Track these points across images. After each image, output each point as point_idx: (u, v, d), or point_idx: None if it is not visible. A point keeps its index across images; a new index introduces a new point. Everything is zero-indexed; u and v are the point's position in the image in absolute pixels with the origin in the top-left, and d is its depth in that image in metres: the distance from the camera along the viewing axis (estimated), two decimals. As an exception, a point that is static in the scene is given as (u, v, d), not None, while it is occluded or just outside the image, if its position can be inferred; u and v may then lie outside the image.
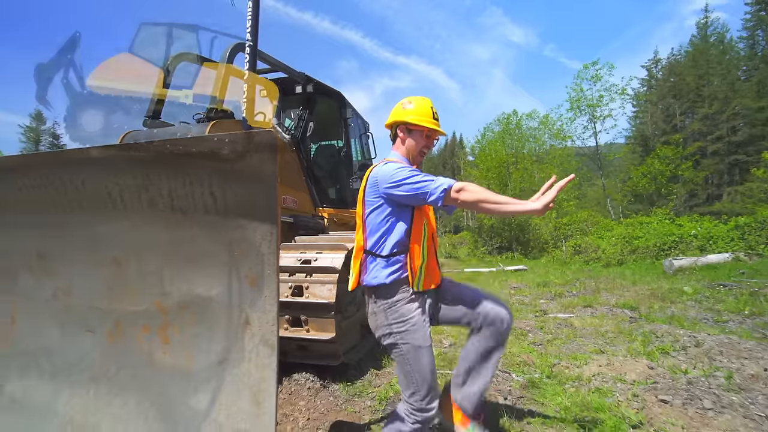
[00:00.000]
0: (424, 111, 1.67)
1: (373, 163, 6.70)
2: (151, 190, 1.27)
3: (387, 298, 1.54)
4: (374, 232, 1.57)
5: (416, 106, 1.68)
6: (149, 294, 1.38)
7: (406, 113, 1.67)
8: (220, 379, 1.27)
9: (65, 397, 1.45)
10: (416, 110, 1.67)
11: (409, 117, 1.66)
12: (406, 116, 1.67)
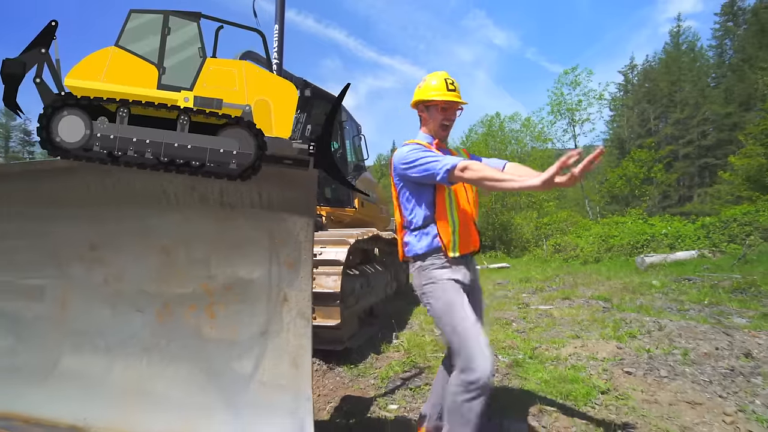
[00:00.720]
0: (437, 85, 1.70)
1: (365, 164, 6.91)
2: (203, 188, 1.51)
3: (421, 263, 1.66)
4: (404, 209, 1.71)
5: (428, 82, 1.72)
6: (196, 277, 1.61)
7: (420, 91, 1.73)
8: (263, 347, 1.51)
9: (120, 367, 1.66)
10: (428, 86, 1.71)
11: (422, 94, 1.72)
12: (420, 95, 1.73)
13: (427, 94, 1.71)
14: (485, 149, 20.62)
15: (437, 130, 1.73)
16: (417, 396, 2.40)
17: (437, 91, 1.69)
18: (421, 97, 1.73)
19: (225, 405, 1.49)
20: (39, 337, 1.81)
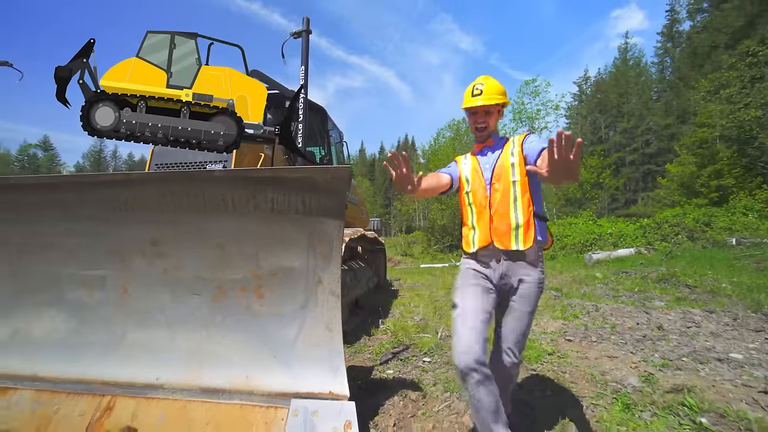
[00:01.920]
0: (465, 93, 1.85)
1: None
2: (257, 198, 1.98)
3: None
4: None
5: (464, 92, 1.87)
6: (246, 267, 2.07)
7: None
8: (303, 318, 2.01)
9: (182, 338, 2.09)
10: (463, 95, 1.86)
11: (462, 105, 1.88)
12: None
13: (462, 104, 1.87)
14: (453, 152, 21.63)
15: (474, 134, 1.90)
16: (407, 364, 2.96)
17: (464, 100, 1.85)
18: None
19: (276, 361, 1.98)
20: (104, 318, 2.19)
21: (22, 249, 2.28)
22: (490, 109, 1.81)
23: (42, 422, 1.89)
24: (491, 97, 1.77)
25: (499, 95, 1.81)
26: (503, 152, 1.81)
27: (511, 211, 1.71)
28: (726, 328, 3.71)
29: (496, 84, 1.83)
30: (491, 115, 1.83)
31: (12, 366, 2.16)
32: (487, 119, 1.83)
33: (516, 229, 1.69)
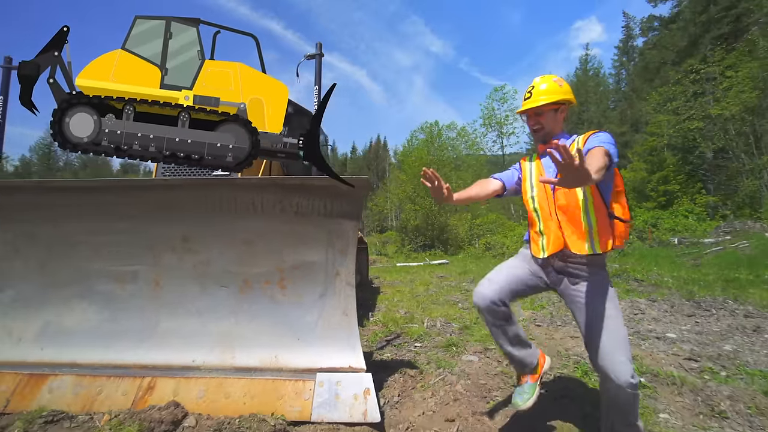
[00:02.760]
0: (523, 97, 1.87)
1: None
2: (283, 203, 2.28)
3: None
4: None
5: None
6: (271, 262, 2.37)
7: None
8: (322, 305, 2.34)
9: (213, 324, 2.35)
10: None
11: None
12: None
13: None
14: (426, 155, 22.32)
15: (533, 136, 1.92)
16: (401, 349, 3.35)
17: (521, 104, 1.88)
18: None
19: (300, 342, 2.29)
20: (137, 308, 2.41)
21: (51, 246, 2.46)
22: (540, 110, 1.77)
23: (87, 402, 2.11)
24: (539, 99, 1.76)
25: (550, 94, 1.76)
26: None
27: (582, 213, 1.65)
28: (665, 314, 4.37)
29: (549, 83, 1.79)
30: (543, 116, 1.78)
31: (47, 355, 2.34)
32: (540, 120, 1.79)
33: (589, 233, 1.63)
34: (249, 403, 2.06)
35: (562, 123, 1.83)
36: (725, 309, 4.33)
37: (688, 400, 2.19)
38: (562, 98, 1.77)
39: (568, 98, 1.79)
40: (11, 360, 2.32)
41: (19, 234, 2.46)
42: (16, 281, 2.48)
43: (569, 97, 1.79)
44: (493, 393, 2.36)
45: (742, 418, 1.98)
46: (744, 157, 17.37)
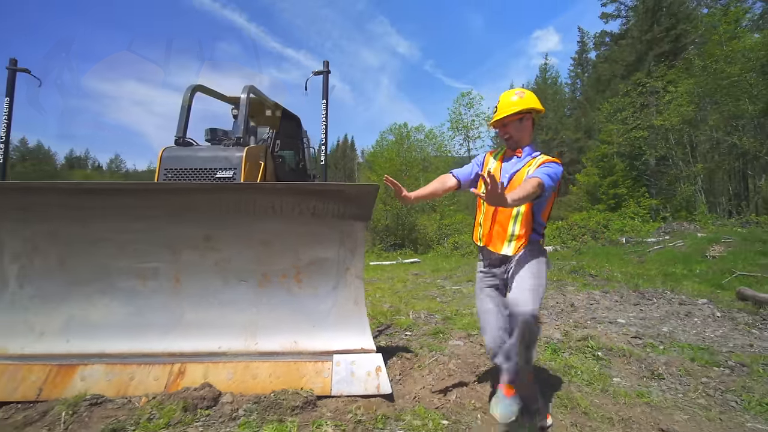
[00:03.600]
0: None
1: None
2: (301, 206, 2.56)
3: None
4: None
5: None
6: (288, 258, 2.64)
7: None
8: (335, 296, 2.64)
9: (235, 315, 2.59)
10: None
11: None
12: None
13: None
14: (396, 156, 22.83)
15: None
16: (393, 337, 3.71)
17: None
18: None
19: (316, 328, 2.59)
20: (160, 303, 2.60)
21: (72, 244, 2.59)
22: (504, 122, 1.97)
23: (120, 387, 2.30)
24: (501, 112, 1.95)
25: (509, 107, 1.94)
26: (524, 167, 1.93)
27: (510, 222, 1.90)
28: (615, 303, 5.04)
29: (508, 98, 1.97)
30: (508, 126, 1.97)
31: (74, 347, 2.49)
32: (507, 130, 1.98)
33: (510, 239, 1.90)
34: (275, 383, 2.34)
35: (529, 130, 2.01)
36: (664, 298, 5.07)
37: (635, 367, 2.72)
38: (523, 108, 1.93)
39: (530, 107, 1.95)
40: (37, 353, 2.44)
41: (38, 232, 2.57)
42: (36, 278, 2.59)
43: (531, 106, 1.96)
44: (480, 369, 2.77)
45: (675, 378, 2.52)
46: (682, 165, 19.32)
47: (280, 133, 5.74)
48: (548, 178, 1.76)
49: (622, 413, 2.05)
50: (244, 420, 1.95)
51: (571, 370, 2.62)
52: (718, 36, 17.19)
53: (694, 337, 3.55)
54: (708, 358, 2.79)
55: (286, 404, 2.06)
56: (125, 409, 2.10)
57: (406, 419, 2.02)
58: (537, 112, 2.02)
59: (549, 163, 1.87)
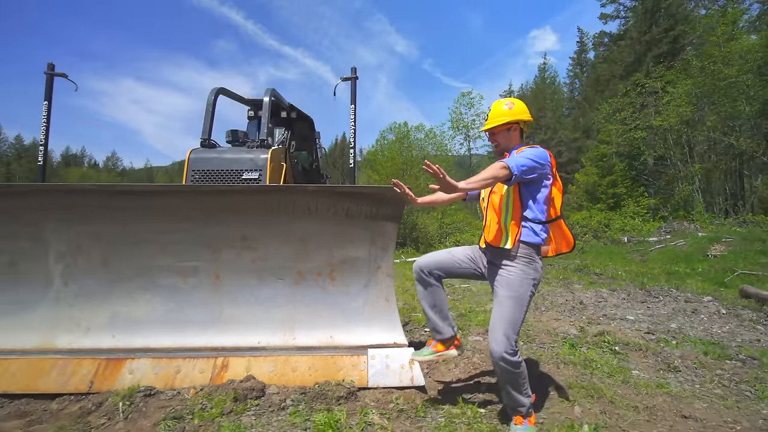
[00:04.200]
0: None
1: (324, 166, 8.03)
2: (336, 207, 2.68)
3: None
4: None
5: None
6: (322, 256, 2.76)
7: None
8: (367, 293, 2.76)
9: (273, 311, 2.70)
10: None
11: None
12: None
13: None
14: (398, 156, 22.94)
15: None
16: (413, 333, 3.83)
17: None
18: None
19: (351, 324, 2.71)
20: (200, 299, 2.72)
21: (114, 244, 2.69)
22: (492, 131, 2.08)
23: (167, 380, 2.41)
24: (490, 122, 2.06)
25: (498, 117, 2.04)
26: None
27: (502, 214, 1.97)
28: (623, 301, 5.20)
29: (499, 108, 2.06)
30: (497, 135, 2.08)
31: (120, 342, 2.60)
32: (496, 138, 2.09)
33: (505, 230, 1.94)
34: (314, 375, 2.46)
35: (517, 139, 2.08)
36: (670, 296, 5.23)
37: (651, 360, 2.87)
38: (511, 119, 2.01)
39: (518, 119, 2.03)
40: (84, 347, 2.56)
41: (82, 233, 2.67)
42: (80, 276, 2.69)
43: (519, 118, 2.03)
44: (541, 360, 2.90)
45: (690, 370, 2.67)
46: (680, 165, 19.54)
47: (295, 134, 5.85)
48: (517, 160, 1.81)
49: (646, 402, 2.19)
50: (294, 409, 2.08)
51: (591, 363, 2.76)
52: (716, 37, 17.40)
53: (702, 333, 3.70)
54: (720, 352, 2.94)
55: (331, 395, 2.19)
56: (177, 400, 2.22)
57: (444, 408, 2.15)
58: (525, 122, 2.09)
59: (525, 149, 1.94)
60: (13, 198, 2.59)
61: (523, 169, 1.82)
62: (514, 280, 1.92)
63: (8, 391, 2.31)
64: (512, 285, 1.91)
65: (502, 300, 1.91)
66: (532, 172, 1.86)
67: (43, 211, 2.61)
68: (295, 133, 5.81)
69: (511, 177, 1.80)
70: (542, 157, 1.90)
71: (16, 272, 2.65)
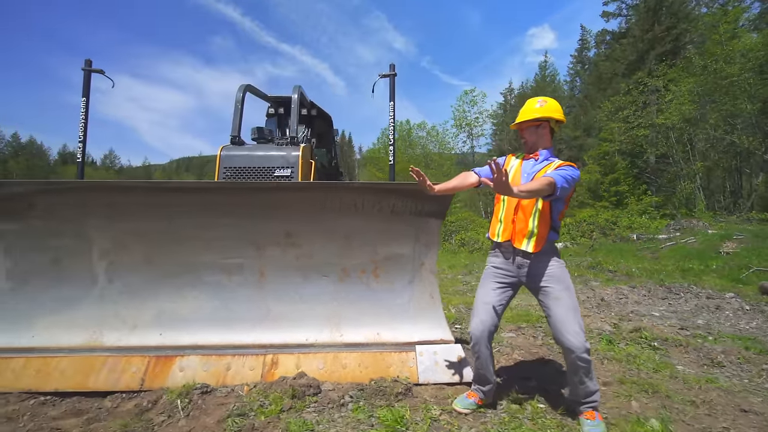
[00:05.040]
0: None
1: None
2: (381, 203, 2.67)
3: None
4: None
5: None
6: (366, 253, 2.76)
7: None
8: (411, 290, 2.76)
9: (319, 308, 2.70)
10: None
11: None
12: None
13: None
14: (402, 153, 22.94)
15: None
16: (446, 329, 3.84)
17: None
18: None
19: (397, 321, 2.71)
20: (246, 296, 2.71)
21: (159, 242, 2.67)
22: (523, 126, 2.09)
23: (219, 377, 2.40)
24: (520, 118, 2.09)
25: (529, 114, 2.06)
26: (543, 169, 2.00)
27: (530, 219, 1.97)
28: (644, 298, 5.23)
29: (531, 104, 2.09)
30: (525, 131, 2.10)
31: (167, 339, 2.59)
32: (524, 134, 2.11)
33: (529, 236, 1.97)
34: (364, 372, 2.46)
35: (547, 137, 2.08)
36: (690, 293, 5.26)
37: (693, 356, 2.89)
38: (540, 116, 2.02)
39: (548, 116, 2.03)
40: (132, 344, 2.54)
41: (124, 230, 2.66)
42: (124, 273, 2.68)
43: (549, 115, 2.03)
44: (546, 359, 2.92)
45: (735, 365, 2.69)
46: (682, 163, 19.65)
47: (314, 132, 5.83)
48: (562, 179, 1.83)
49: (702, 396, 2.21)
50: (355, 405, 2.08)
51: (635, 359, 2.78)
52: (718, 35, 17.48)
53: (730, 329, 3.73)
54: (761, 348, 2.97)
55: (389, 391, 2.19)
56: (232, 397, 2.21)
57: (502, 404, 2.16)
58: (556, 121, 2.09)
59: (565, 166, 1.94)
60: (52, 195, 2.56)
61: (565, 192, 1.89)
62: (559, 272, 1.97)
63: (60, 389, 2.29)
64: (561, 278, 1.96)
65: (559, 294, 1.92)
66: (565, 193, 1.92)
67: (84, 208, 2.59)
68: (314, 130, 5.79)
69: (552, 195, 1.84)
70: (577, 179, 1.95)
71: (60, 269, 2.64)
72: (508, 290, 2.11)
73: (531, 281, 2.02)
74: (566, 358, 1.90)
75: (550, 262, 1.98)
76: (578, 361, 1.83)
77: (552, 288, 1.94)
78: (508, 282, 2.10)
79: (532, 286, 2.04)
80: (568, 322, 1.85)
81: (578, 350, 1.81)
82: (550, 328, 1.93)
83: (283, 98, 5.16)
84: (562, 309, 1.89)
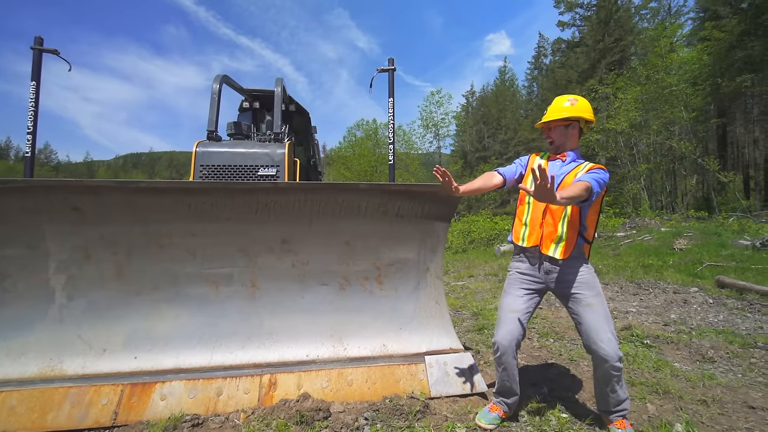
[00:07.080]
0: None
1: (320, 163, 7.73)
2: (387, 206, 2.50)
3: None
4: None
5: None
6: (369, 259, 2.57)
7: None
8: (417, 297, 2.61)
9: (318, 320, 2.47)
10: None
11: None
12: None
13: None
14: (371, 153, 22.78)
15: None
16: (440, 335, 3.73)
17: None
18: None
19: (403, 330, 2.54)
20: (236, 310, 2.42)
21: (131, 250, 2.33)
22: (549, 125, 2.01)
23: (209, 404, 2.12)
24: (548, 116, 2.01)
25: (557, 112, 1.97)
26: (573, 171, 1.91)
27: (560, 224, 1.89)
28: (617, 294, 5.45)
29: (560, 102, 2.01)
30: (552, 131, 2.01)
31: (144, 363, 2.25)
32: (550, 134, 2.02)
33: (558, 241, 1.90)
34: (372, 388, 2.28)
35: (575, 138, 2.00)
36: (658, 288, 5.55)
37: (685, 352, 2.98)
38: (570, 115, 1.94)
39: (578, 116, 1.94)
40: (102, 371, 2.19)
41: (92, 238, 2.28)
42: (88, 289, 2.30)
43: (579, 115, 1.94)
44: (549, 361, 2.89)
45: (725, 360, 2.80)
46: (629, 165, 21.14)
47: (292, 128, 5.52)
48: (597, 184, 1.76)
49: (709, 394, 2.25)
50: (372, 428, 1.89)
51: (633, 359, 2.81)
52: (659, 48, 19.00)
53: (702, 322, 3.93)
54: (742, 341, 3.13)
55: (407, 410, 2.02)
56: (228, 428, 1.95)
57: (523, 416, 2.06)
58: (587, 122, 2.00)
59: (597, 169, 1.86)
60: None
61: (597, 195, 1.80)
62: (590, 279, 1.90)
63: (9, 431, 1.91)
64: (592, 284, 1.90)
65: (591, 301, 1.86)
66: (597, 198, 1.85)
67: (39, 212, 2.19)
68: (292, 127, 5.48)
69: (588, 200, 1.77)
70: (606, 182, 1.85)
71: (5, 286, 2.21)
72: (535, 297, 2.02)
73: (560, 288, 1.94)
74: (597, 367, 1.84)
75: (580, 268, 1.91)
76: (611, 370, 1.77)
77: (583, 295, 1.87)
78: (535, 288, 2.01)
79: (560, 292, 1.95)
80: (601, 330, 1.79)
81: (612, 359, 1.75)
82: (581, 336, 1.86)
83: (260, 92, 4.82)
84: (594, 316, 1.82)
